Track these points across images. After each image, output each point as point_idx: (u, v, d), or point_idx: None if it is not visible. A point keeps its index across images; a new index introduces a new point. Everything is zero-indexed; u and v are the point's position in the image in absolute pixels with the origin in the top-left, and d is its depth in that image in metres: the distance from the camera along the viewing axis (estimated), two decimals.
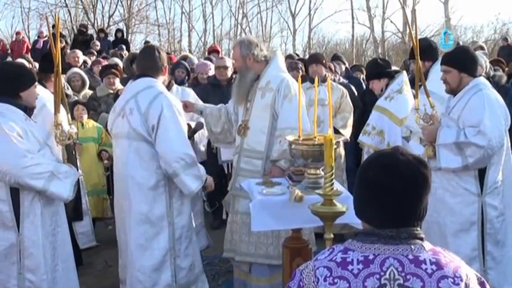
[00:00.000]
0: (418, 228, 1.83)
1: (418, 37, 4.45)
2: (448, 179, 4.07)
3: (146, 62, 4.21)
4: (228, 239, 4.62)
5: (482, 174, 4.07)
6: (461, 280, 1.74)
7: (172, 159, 3.93)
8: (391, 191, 1.80)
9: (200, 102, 5.64)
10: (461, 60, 4.11)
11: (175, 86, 5.73)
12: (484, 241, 4.07)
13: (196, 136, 5.23)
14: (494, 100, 4.04)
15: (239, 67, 4.60)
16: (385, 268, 1.75)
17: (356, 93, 7.23)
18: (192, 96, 5.69)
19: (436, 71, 4.65)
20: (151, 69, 4.16)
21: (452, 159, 3.98)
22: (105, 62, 9.98)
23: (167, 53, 6.91)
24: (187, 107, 4.87)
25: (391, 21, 27.74)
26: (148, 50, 4.34)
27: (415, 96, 4.33)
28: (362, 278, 1.74)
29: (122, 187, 4.12)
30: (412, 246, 1.79)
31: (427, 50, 4.68)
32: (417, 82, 4.31)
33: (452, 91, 4.17)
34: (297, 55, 11.97)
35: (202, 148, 5.41)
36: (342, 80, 7.64)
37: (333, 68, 7.78)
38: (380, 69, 5.77)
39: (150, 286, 4.03)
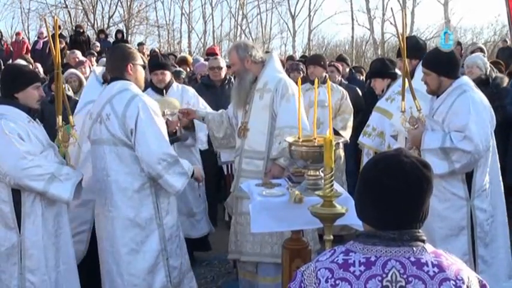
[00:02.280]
0: (420, 230, 1.84)
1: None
2: (435, 184, 3.96)
3: (113, 64, 4.13)
4: (233, 240, 4.61)
5: (469, 177, 4.00)
6: (463, 283, 1.75)
7: (154, 162, 3.86)
8: (395, 193, 1.79)
9: (201, 100, 5.63)
10: (440, 64, 4.04)
11: (175, 84, 5.71)
12: (474, 245, 4.02)
13: (196, 124, 5.25)
14: (479, 102, 3.97)
15: (238, 70, 4.59)
16: (387, 270, 1.75)
17: (361, 95, 7.22)
18: (191, 93, 5.67)
19: (420, 70, 4.63)
20: (119, 71, 4.07)
21: (438, 165, 3.90)
22: (87, 63, 9.93)
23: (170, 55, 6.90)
24: (189, 114, 4.86)
25: (391, 23, 27.76)
26: (114, 50, 4.30)
27: (402, 98, 4.26)
28: (364, 279, 1.74)
29: (102, 194, 4.05)
30: (414, 248, 1.79)
31: (413, 48, 4.61)
32: (403, 84, 4.25)
33: (433, 93, 4.13)
34: (306, 57, 11.97)
35: (204, 137, 5.40)
36: (342, 81, 7.63)
37: (340, 69, 7.77)
38: (385, 69, 5.75)
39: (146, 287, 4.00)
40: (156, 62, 5.63)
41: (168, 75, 5.60)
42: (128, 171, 3.94)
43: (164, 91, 5.54)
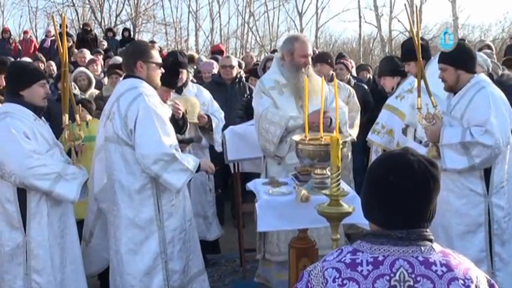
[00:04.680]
0: (428, 230, 1.82)
1: (415, 37, 4.35)
2: (453, 180, 4.01)
3: (125, 60, 4.11)
4: (274, 242, 4.53)
5: (487, 174, 4.00)
6: (472, 282, 1.73)
7: (149, 164, 3.79)
8: (402, 192, 1.78)
9: (215, 104, 5.59)
10: (457, 57, 4.04)
11: (191, 84, 5.66)
12: (491, 242, 4.01)
13: (213, 125, 5.26)
14: (499, 98, 3.99)
15: (308, 64, 4.68)
16: (395, 269, 1.74)
17: (370, 94, 7.18)
18: (206, 95, 5.63)
19: (430, 70, 4.59)
20: (129, 68, 4.02)
21: (458, 160, 3.92)
22: (99, 61, 9.97)
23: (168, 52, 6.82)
24: None
25: (399, 20, 27.65)
26: (128, 47, 4.24)
27: (417, 95, 4.25)
28: (372, 279, 1.73)
29: (109, 191, 4.04)
30: (422, 248, 1.77)
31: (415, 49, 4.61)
32: (419, 81, 4.25)
33: (451, 89, 4.13)
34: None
35: (219, 139, 5.38)
36: (351, 79, 7.58)
37: (350, 66, 7.71)
38: (395, 67, 5.72)
39: None
40: (175, 61, 5.45)
41: (185, 74, 5.52)
42: (130, 171, 3.90)
43: (181, 90, 5.46)
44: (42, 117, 3.93)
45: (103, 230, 4.33)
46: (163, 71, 4.16)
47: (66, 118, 3.95)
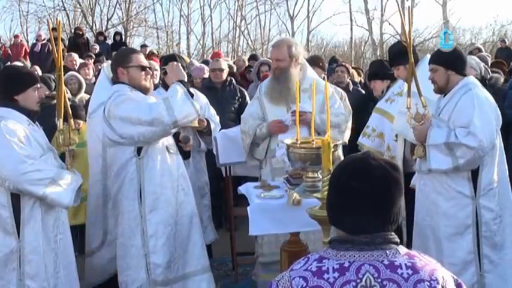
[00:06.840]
0: (393, 233, 1.83)
1: (408, 40, 4.37)
2: (441, 182, 4.03)
3: (112, 67, 4.34)
4: (259, 243, 4.62)
5: (475, 176, 4.01)
6: (438, 283, 1.74)
7: (159, 131, 3.96)
8: (364, 196, 1.79)
9: (211, 109, 5.58)
10: (448, 58, 4.07)
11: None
12: (479, 244, 4.02)
13: (212, 128, 5.29)
14: (484, 99, 3.99)
15: (285, 67, 4.62)
16: (361, 275, 1.74)
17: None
18: (203, 99, 5.59)
19: (419, 72, 4.61)
20: (115, 76, 4.26)
21: (443, 160, 3.94)
22: (90, 65, 9.93)
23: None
24: None
25: (390, 24, 27.83)
26: (114, 54, 4.46)
27: (408, 95, 4.26)
28: (338, 286, 1.73)
29: None
30: (387, 251, 1.78)
31: (401, 53, 4.57)
32: (409, 81, 4.26)
33: (441, 90, 4.15)
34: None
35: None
36: (350, 83, 7.60)
37: (351, 71, 7.74)
38: (384, 70, 5.75)
39: (130, 282, 4.10)
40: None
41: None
42: (120, 166, 4.10)
43: None
44: (36, 122, 3.91)
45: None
46: (150, 72, 4.25)
47: (60, 122, 3.93)
